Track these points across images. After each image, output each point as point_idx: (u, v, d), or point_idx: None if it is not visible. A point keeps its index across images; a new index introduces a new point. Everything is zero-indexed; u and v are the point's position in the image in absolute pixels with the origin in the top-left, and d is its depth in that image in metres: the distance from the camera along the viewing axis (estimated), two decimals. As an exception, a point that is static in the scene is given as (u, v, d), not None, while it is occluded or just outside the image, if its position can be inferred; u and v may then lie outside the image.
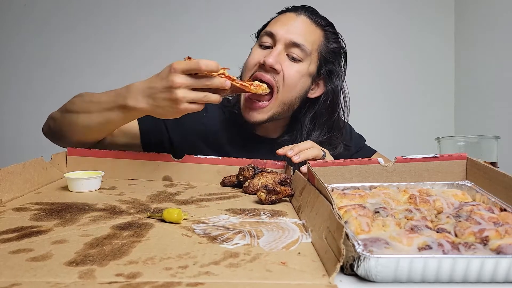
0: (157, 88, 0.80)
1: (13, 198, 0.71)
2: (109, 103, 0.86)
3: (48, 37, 2.29)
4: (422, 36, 2.28)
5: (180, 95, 0.78)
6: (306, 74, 1.01)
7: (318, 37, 1.02)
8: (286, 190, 0.75)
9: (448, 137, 0.93)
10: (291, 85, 0.98)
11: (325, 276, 0.42)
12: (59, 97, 2.43)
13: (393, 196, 0.65)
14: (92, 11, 2.29)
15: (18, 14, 2.29)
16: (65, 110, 0.94)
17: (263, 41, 1.02)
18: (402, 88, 2.31)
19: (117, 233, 0.54)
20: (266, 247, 0.50)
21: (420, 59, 2.29)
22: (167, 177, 0.93)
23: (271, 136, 1.09)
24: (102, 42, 2.29)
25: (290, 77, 0.98)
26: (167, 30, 2.29)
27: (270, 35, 1.00)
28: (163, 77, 0.79)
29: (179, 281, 0.40)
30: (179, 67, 0.78)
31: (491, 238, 0.48)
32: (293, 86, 0.99)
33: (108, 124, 0.89)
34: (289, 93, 0.99)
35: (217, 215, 0.65)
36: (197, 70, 0.77)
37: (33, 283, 0.39)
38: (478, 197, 0.65)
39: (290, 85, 0.98)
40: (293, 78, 0.98)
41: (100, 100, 0.88)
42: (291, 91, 0.99)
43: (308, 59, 1.00)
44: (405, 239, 0.46)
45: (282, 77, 0.97)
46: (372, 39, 2.29)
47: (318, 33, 1.02)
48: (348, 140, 1.20)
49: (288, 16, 1.03)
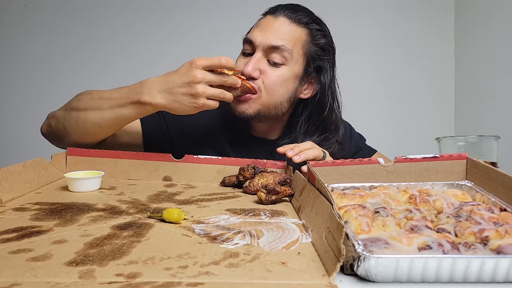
0: (177, 83, 0.81)
1: (13, 198, 0.71)
2: (121, 99, 0.86)
3: (48, 37, 2.29)
4: (422, 36, 2.28)
5: (200, 90, 0.80)
6: (290, 77, 0.98)
7: (300, 36, 0.98)
8: (286, 190, 0.75)
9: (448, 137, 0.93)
10: (272, 90, 0.97)
11: (325, 276, 0.42)
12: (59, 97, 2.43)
13: (393, 196, 0.65)
14: (92, 11, 2.29)
15: (18, 14, 2.29)
16: (71, 108, 0.93)
17: (245, 48, 1.01)
18: (402, 88, 2.31)
19: (117, 233, 0.54)
20: (266, 247, 0.50)
21: (420, 59, 2.29)
22: (167, 177, 0.93)
23: (269, 138, 1.09)
24: (102, 42, 2.29)
25: (270, 82, 0.96)
26: (168, 30, 2.29)
27: (249, 42, 0.98)
28: (182, 72, 0.81)
29: (179, 281, 0.40)
30: (200, 63, 0.80)
31: (491, 238, 0.48)
32: (275, 91, 0.97)
33: (120, 120, 0.89)
34: (271, 97, 0.98)
35: (217, 215, 0.65)
36: (219, 65, 0.81)
37: (33, 283, 0.39)
38: (478, 197, 0.65)
39: (270, 90, 0.97)
40: (274, 83, 0.97)
41: (111, 96, 0.88)
42: (273, 95, 0.98)
43: (291, 62, 0.97)
44: (405, 239, 0.46)
45: (262, 82, 0.96)
46: (372, 39, 2.29)
47: (300, 31, 0.98)
48: (348, 139, 1.20)
49: (267, 20, 1.00)
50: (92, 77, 2.28)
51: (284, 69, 0.97)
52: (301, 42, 0.98)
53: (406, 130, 2.30)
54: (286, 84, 0.98)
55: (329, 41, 1.03)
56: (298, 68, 0.99)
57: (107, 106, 0.88)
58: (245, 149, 1.07)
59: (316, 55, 1.01)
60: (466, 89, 2.21)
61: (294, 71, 0.99)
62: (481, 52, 2.06)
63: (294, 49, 0.97)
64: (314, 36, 1.00)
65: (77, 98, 0.94)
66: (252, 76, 0.95)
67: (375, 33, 2.29)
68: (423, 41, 2.28)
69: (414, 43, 2.29)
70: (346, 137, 1.19)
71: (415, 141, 2.25)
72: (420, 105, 2.31)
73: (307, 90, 1.04)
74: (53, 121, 0.96)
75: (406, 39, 2.29)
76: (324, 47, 1.02)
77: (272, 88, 0.97)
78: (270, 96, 0.97)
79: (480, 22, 2.07)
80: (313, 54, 1.01)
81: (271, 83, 0.96)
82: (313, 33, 1.00)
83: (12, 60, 2.30)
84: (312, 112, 1.04)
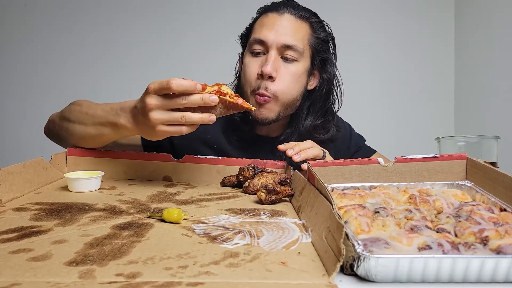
0: (138, 109, 0.77)
1: (13, 198, 0.71)
2: (102, 118, 0.85)
3: (48, 37, 2.29)
4: (422, 36, 2.29)
5: (153, 117, 0.74)
6: (303, 72, 1.01)
7: (306, 31, 1.01)
8: (286, 190, 0.75)
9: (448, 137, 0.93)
10: (290, 87, 0.99)
11: (325, 275, 0.42)
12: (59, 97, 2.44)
13: (393, 196, 0.65)
14: (92, 11, 2.29)
15: (18, 14, 2.29)
16: (63, 117, 0.94)
17: (254, 48, 1.00)
18: (402, 88, 2.31)
19: (117, 233, 0.54)
20: (266, 247, 0.50)
21: (420, 59, 2.30)
22: (167, 177, 0.93)
23: (272, 135, 1.09)
24: (102, 42, 2.29)
25: (286, 80, 0.98)
26: (169, 30, 2.29)
27: (260, 42, 0.98)
28: (140, 98, 0.76)
29: (179, 281, 0.40)
30: (151, 87, 0.74)
31: (491, 238, 0.48)
32: (292, 88, 0.99)
33: (101, 137, 0.88)
34: (289, 95, 1.00)
35: (217, 215, 0.65)
36: (168, 89, 0.72)
37: (33, 283, 0.39)
38: (478, 197, 0.65)
39: (288, 88, 0.98)
40: (290, 81, 0.98)
41: (95, 114, 0.87)
42: (291, 92, 1.00)
43: (303, 57, 1.00)
44: (405, 239, 0.46)
45: (279, 83, 0.97)
46: (372, 39, 2.29)
47: (304, 27, 1.01)
48: (348, 139, 1.20)
49: (271, 17, 1.00)
50: (92, 77, 2.28)
51: (297, 65, 1.00)
52: (307, 37, 1.01)
53: (406, 130, 2.30)
54: (300, 79, 1.01)
55: (329, 33, 1.07)
56: (308, 62, 1.03)
57: (90, 123, 0.87)
58: (248, 148, 1.07)
59: (320, 47, 1.04)
60: (466, 89, 2.21)
61: (306, 66, 1.02)
62: (481, 52, 2.06)
63: (304, 44, 1.00)
64: (315, 29, 1.04)
65: (69, 108, 0.95)
66: (272, 76, 0.96)
67: (375, 33, 2.29)
68: (423, 41, 2.29)
69: (414, 43, 2.29)
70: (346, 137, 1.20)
71: (415, 141, 2.25)
72: (420, 105, 2.31)
73: (311, 81, 1.07)
74: (51, 125, 0.99)
75: (406, 39, 2.29)
76: (326, 39, 1.05)
77: (288, 86, 0.98)
78: (288, 94, 0.99)
79: (480, 22, 2.07)
80: (317, 47, 1.03)
81: (287, 80, 0.98)
82: (314, 26, 1.03)
83: (12, 60, 2.30)
84: (316, 101, 1.07)
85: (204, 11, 2.28)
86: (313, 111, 1.07)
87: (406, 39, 2.29)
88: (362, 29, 2.28)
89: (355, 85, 2.30)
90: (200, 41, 2.28)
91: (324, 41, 1.05)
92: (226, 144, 1.07)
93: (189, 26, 2.28)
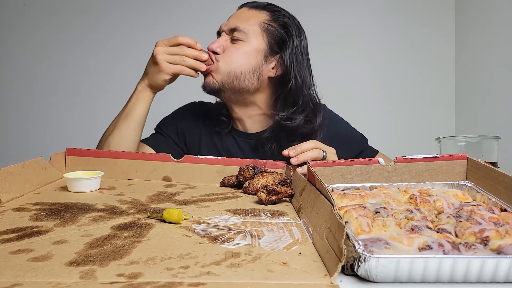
0: (148, 63, 1.03)
1: (12, 198, 0.71)
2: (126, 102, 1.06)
3: (48, 37, 2.29)
4: (422, 36, 2.28)
5: (159, 57, 0.99)
6: (250, 51, 1.06)
7: (260, 17, 1.08)
8: (286, 190, 0.75)
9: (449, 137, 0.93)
10: (229, 58, 1.05)
11: (326, 276, 0.42)
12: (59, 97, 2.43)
13: (393, 196, 0.65)
14: (91, 11, 2.29)
15: (18, 14, 2.29)
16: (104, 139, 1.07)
17: None
18: (402, 88, 2.31)
19: (118, 233, 0.54)
20: (267, 247, 0.50)
21: (421, 59, 2.29)
22: (167, 177, 0.93)
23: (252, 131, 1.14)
24: (102, 41, 2.29)
25: (230, 53, 1.06)
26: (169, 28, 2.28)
27: (218, 33, 1.12)
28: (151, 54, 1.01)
29: (180, 281, 0.40)
30: (160, 41, 1.01)
31: (491, 238, 0.48)
32: (234, 61, 1.05)
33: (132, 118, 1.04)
34: (229, 64, 1.05)
35: (217, 215, 0.65)
36: (174, 40, 1.00)
37: (34, 283, 0.39)
38: (479, 197, 0.65)
39: (227, 58, 1.05)
40: (231, 52, 1.06)
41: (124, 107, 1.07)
42: (233, 63, 1.05)
43: (251, 37, 1.06)
44: (406, 239, 0.46)
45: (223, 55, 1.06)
46: (372, 39, 2.29)
47: (259, 14, 1.09)
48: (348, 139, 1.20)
49: None
50: (92, 77, 2.27)
51: (242, 44, 1.06)
52: (260, 21, 1.08)
53: (406, 130, 2.30)
54: (248, 56, 1.06)
55: (290, 21, 1.11)
56: (258, 44, 1.07)
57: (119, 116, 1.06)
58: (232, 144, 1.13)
59: (277, 32, 1.08)
60: (467, 89, 2.21)
61: (254, 46, 1.07)
62: (482, 52, 2.06)
63: (251, 27, 1.06)
64: (274, 15, 1.10)
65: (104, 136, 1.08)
66: (216, 51, 1.06)
67: (375, 32, 2.29)
68: (423, 41, 2.28)
69: (415, 43, 2.29)
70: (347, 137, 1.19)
71: (415, 141, 2.25)
72: (421, 105, 2.31)
73: (274, 68, 1.09)
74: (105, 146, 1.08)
75: (407, 39, 2.29)
76: (285, 25, 1.09)
77: (228, 57, 1.06)
78: (227, 64, 1.05)
79: (481, 21, 2.07)
80: (274, 32, 1.08)
81: (228, 53, 1.06)
82: (273, 13, 1.10)
83: (12, 60, 2.30)
84: (277, 87, 1.10)
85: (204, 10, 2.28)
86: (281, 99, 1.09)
87: (406, 39, 2.29)
88: (362, 29, 2.28)
89: (355, 84, 2.31)
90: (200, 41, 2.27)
91: (284, 26, 1.09)
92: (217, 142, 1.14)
93: (190, 22, 2.28)
